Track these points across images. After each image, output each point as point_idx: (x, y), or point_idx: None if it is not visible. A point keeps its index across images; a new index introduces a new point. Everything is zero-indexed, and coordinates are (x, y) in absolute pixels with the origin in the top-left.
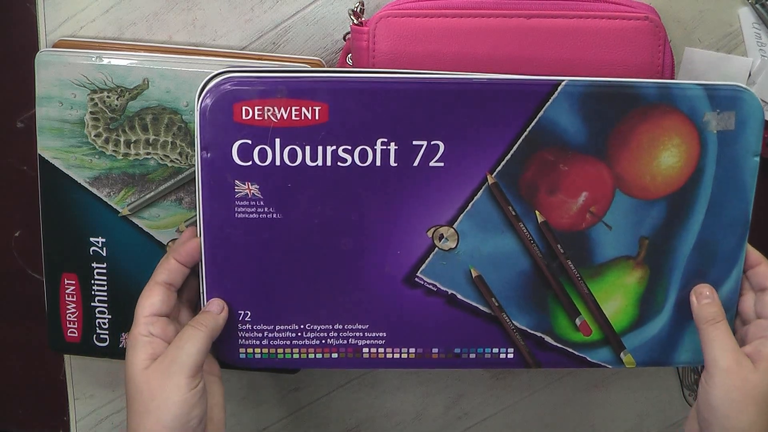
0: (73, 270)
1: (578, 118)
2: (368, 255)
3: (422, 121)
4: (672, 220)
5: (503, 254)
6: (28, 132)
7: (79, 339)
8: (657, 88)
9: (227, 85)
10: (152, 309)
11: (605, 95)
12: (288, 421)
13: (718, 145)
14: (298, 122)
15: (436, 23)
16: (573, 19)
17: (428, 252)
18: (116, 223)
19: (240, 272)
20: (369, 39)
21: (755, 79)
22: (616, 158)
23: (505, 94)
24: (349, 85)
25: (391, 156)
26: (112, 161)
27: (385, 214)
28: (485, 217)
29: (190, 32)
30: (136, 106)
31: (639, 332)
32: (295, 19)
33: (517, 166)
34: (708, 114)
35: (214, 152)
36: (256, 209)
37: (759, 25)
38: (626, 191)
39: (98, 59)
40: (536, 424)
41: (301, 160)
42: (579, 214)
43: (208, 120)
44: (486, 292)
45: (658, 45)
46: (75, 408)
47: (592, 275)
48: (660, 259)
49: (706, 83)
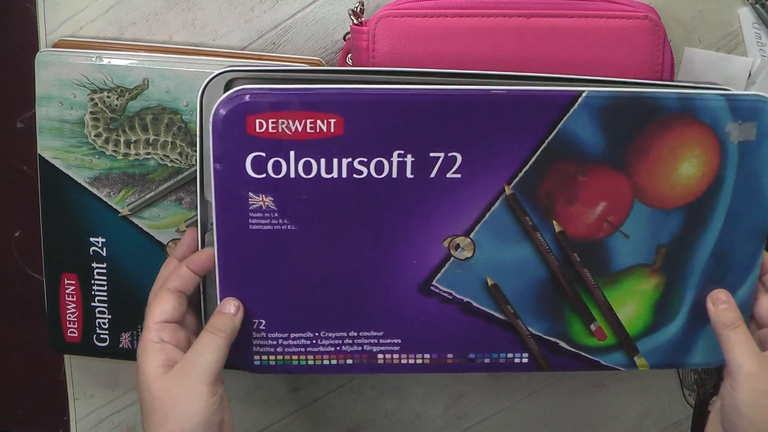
0: (73, 270)
1: (598, 129)
2: (383, 264)
3: (440, 133)
4: (690, 229)
5: (519, 263)
6: (28, 132)
7: (79, 339)
8: (678, 99)
9: (241, 98)
10: (163, 316)
11: (626, 106)
12: (288, 421)
13: (738, 155)
14: (312, 135)
15: (436, 23)
16: (573, 19)
17: (444, 261)
18: (116, 223)
19: (254, 282)
20: (369, 39)
21: (755, 79)
22: (635, 169)
23: (524, 105)
24: (365, 98)
25: (408, 168)
26: (112, 161)
27: (401, 226)
28: (502, 227)
29: (190, 32)
30: (136, 106)
31: (653, 337)
32: (295, 19)
33: (535, 177)
34: (730, 125)
35: (227, 165)
36: (270, 221)
37: (759, 25)
38: (644, 201)
39: (98, 59)
40: (536, 424)
41: (316, 172)
42: (596, 223)
43: (220, 132)
44: (502, 301)
45: (657, 44)
46: (75, 408)
47: (608, 282)
48: (677, 266)
49: (729, 93)
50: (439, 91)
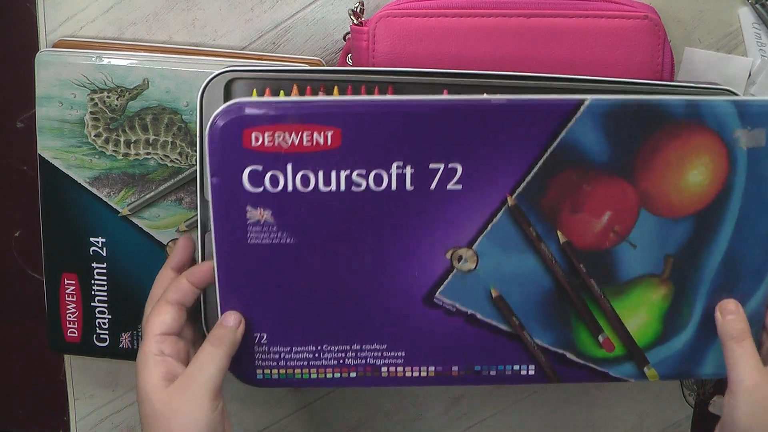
0: (73, 270)
1: (602, 136)
2: (385, 277)
3: (439, 144)
4: (698, 238)
5: (524, 274)
6: (28, 132)
7: (79, 339)
8: (685, 105)
9: (237, 111)
10: (163, 328)
11: (631, 114)
12: (288, 421)
13: (747, 161)
14: (310, 148)
15: (436, 23)
16: (573, 19)
17: (447, 273)
18: (116, 223)
19: (255, 296)
20: (369, 39)
21: (755, 79)
22: (641, 177)
23: (525, 114)
24: (363, 109)
25: (407, 180)
26: (112, 161)
27: (402, 238)
28: (505, 238)
29: (190, 32)
30: (136, 106)
31: (663, 347)
32: (295, 19)
33: (538, 186)
34: (738, 131)
35: (224, 178)
36: (269, 235)
37: (759, 25)
38: (651, 210)
39: (98, 59)
40: (536, 425)
41: (314, 185)
42: (602, 233)
43: (216, 146)
44: (507, 312)
45: (657, 44)
46: (75, 408)
47: (615, 293)
48: (686, 275)
49: (737, 99)
50: (438, 102)
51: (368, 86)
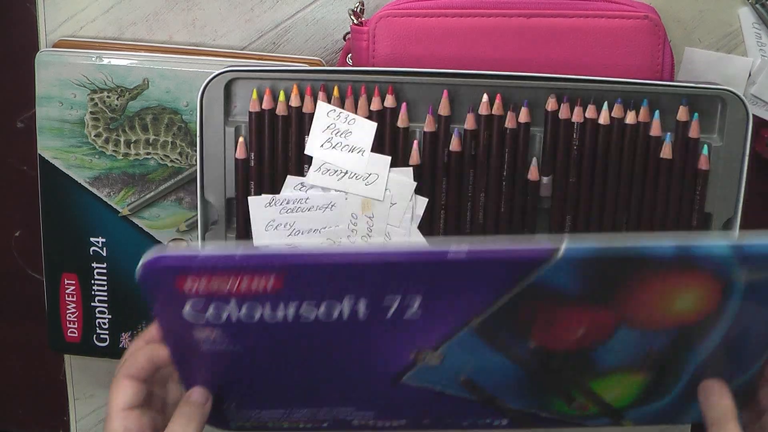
0: (73, 270)
1: (579, 279)
2: (347, 372)
3: (395, 283)
4: (684, 344)
5: (494, 368)
6: (28, 132)
7: (79, 339)
8: (675, 250)
9: (165, 262)
10: (125, 403)
11: (612, 260)
12: None
13: (744, 290)
14: (249, 291)
15: (436, 23)
16: (573, 19)
17: (412, 365)
18: (116, 223)
19: (217, 377)
20: (369, 39)
21: (755, 79)
22: (622, 307)
23: (490, 265)
24: (303, 260)
25: (360, 311)
26: (112, 161)
27: (357, 360)
28: (472, 347)
29: (190, 32)
30: (136, 106)
31: (641, 408)
32: (295, 19)
33: (506, 314)
34: (737, 273)
35: (165, 317)
36: (222, 345)
37: (759, 25)
38: (631, 327)
39: (98, 59)
40: None
41: (260, 317)
42: (577, 342)
43: (148, 293)
44: (477, 392)
45: (657, 44)
46: (75, 408)
47: (593, 378)
48: (670, 364)
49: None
50: (386, 255)
51: (368, 86)
